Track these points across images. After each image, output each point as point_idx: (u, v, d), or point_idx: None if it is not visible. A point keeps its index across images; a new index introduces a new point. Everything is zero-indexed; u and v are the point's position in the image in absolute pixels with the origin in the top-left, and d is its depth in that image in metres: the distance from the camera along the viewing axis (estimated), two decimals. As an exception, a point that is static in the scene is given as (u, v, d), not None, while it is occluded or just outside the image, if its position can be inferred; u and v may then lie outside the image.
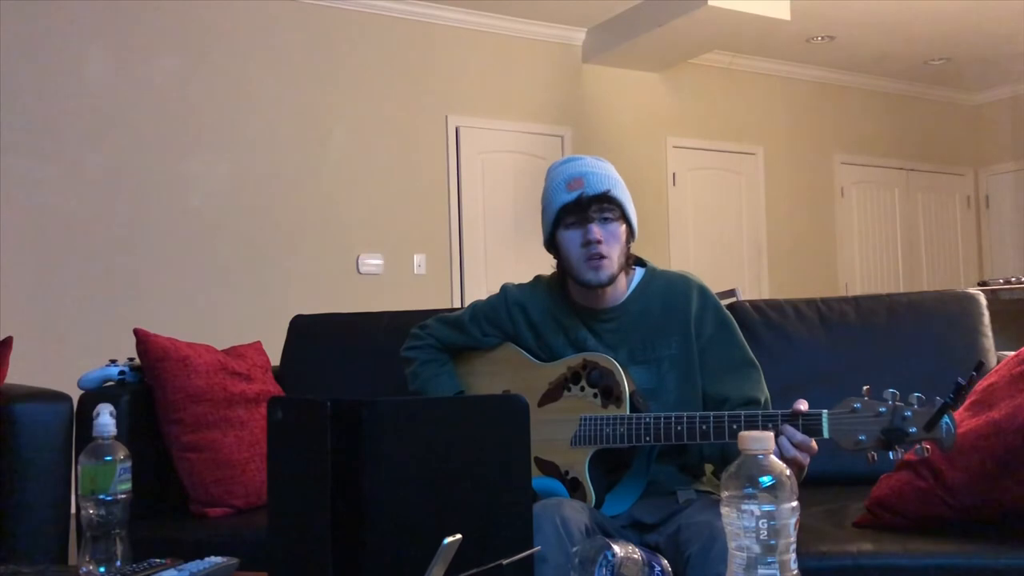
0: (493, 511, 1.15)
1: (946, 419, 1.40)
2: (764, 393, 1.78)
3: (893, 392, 1.44)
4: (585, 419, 1.72)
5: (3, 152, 4.44)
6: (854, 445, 1.45)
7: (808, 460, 1.50)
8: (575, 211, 1.76)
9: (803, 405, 1.52)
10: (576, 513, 1.53)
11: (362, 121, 5.41)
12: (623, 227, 1.78)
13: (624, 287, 1.84)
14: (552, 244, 1.84)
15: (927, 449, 1.41)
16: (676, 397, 1.76)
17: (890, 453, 1.43)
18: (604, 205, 1.76)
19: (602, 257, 1.75)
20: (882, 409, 1.44)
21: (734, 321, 1.84)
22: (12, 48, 4.49)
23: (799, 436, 1.49)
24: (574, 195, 1.75)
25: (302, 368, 2.61)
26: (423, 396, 1.94)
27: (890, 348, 2.30)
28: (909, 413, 1.42)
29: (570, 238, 1.78)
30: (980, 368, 1.45)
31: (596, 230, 1.75)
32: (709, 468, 1.86)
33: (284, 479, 1.19)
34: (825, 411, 1.49)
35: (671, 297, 1.83)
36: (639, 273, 1.88)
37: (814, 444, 1.50)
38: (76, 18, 4.65)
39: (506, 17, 5.84)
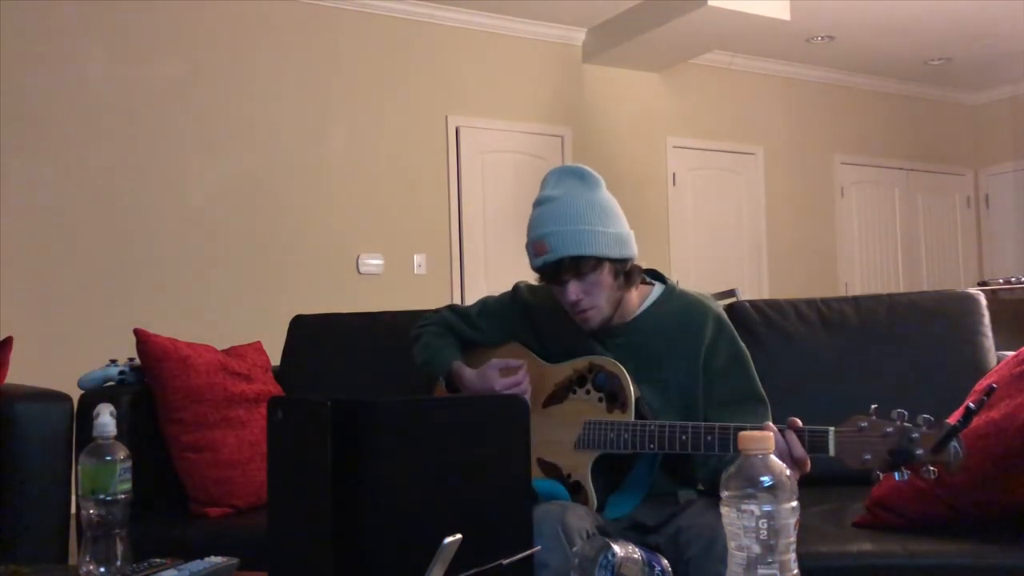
0: (493, 511, 1.15)
1: (954, 442, 1.38)
2: None
3: (901, 412, 1.41)
4: (589, 423, 1.70)
5: (3, 152, 4.44)
6: (859, 464, 1.42)
7: (798, 475, 1.46)
8: (546, 275, 1.73)
9: (796, 422, 1.50)
10: (578, 519, 1.52)
11: (362, 121, 5.41)
12: (603, 272, 1.70)
13: (636, 303, 1.80)
14: None
15: (933, 472, 1.39)
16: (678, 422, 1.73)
17: (895, 474, 1.41)
18: (572, 267, 1.68)
19: (587, 310, 1.72)
20: (889, 429, 1.41)
21: (747, 354, 1.79)
22: (12, 48, 4.49)
23: (799, 450, 1.46)
24: (539, 263, 1.71)
25: (302, 368, 2.61)
26: (428, 368, 1.94)
27: (890, 348, 2.30)
28: (917, 435, 1.39)
29: (555, 293, 1.76)
30: (991, 392, 1.44)
31: (573, 290, 1.70)
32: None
33: (284, 479, 1.19)
34: (831, 428, 1.46)
35: (686, 321, 1.78)
36: (656, 290, 1.83)
37: (808, 466, 1.48)
38: (76, 18, 4.65)
39: (506, 17, 5.84)
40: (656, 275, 1.87)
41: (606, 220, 1.71)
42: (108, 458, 1.31)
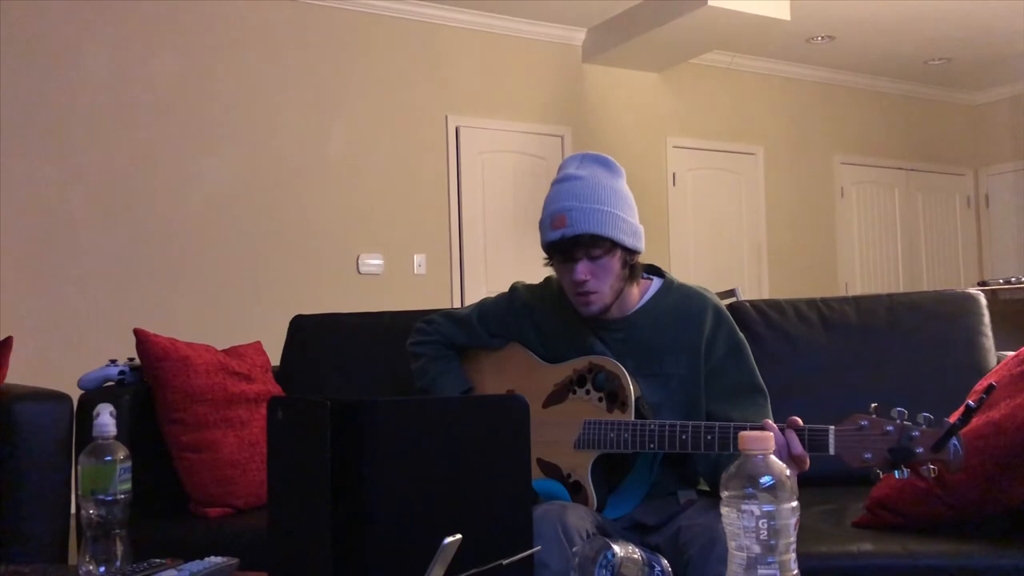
0: (493, 511, 1.15)
1: (954, 441, 1.38)
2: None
3: (901, 411, 1.42)
4: (589, 423, 1.70)
5: (3, 152, 4.44)
6: (859, 463, 1.43)
7: (797, 473, 1.47)
8: (560, 250, 1.71)
9: (798, 421, 1.50)
10: (578, 519, 1.52)
11: (362, 121, 5.41)
12: (615, 258, 1.70)
13: (635, 298, 1.80)
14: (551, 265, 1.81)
15: (933, 470, 1.39)
16: (681, 416, 1.71)
17: (895, 472, 1.41)
18: (588, 245, 1.67)
19: (590, 293, 1.71)
20: (889, 428, 1.41)
21: (747, 345, 1.79)
22: (12, 48, 4.49)
23: (798, 448, 1.47)
24: (555, 236, 1.68)
25: (302, 368, 2.61)
26: (429, 394, 1.93)
27: (890, 348, 2.30)
28: (916, 433, 1.40)
29: (560, 271, 1.75)
30: (991, 391, 1.44)
31: (582, 270, 1.69)
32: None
33: (284, 479, 1.19)
34: (831, 427, 1.46)
35: (685, 314, 1.78)
36: (655, 284, 1.83)
37: (808, 463, 1.48)
38: (76, 18, 4.65)
39: (506, 17, 5.84)
40: (654, 270, 1.87)
41: (626, 209, 1.72)
42: (108, 458, 1.31)
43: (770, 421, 1.56)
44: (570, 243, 1.68)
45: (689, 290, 1.84)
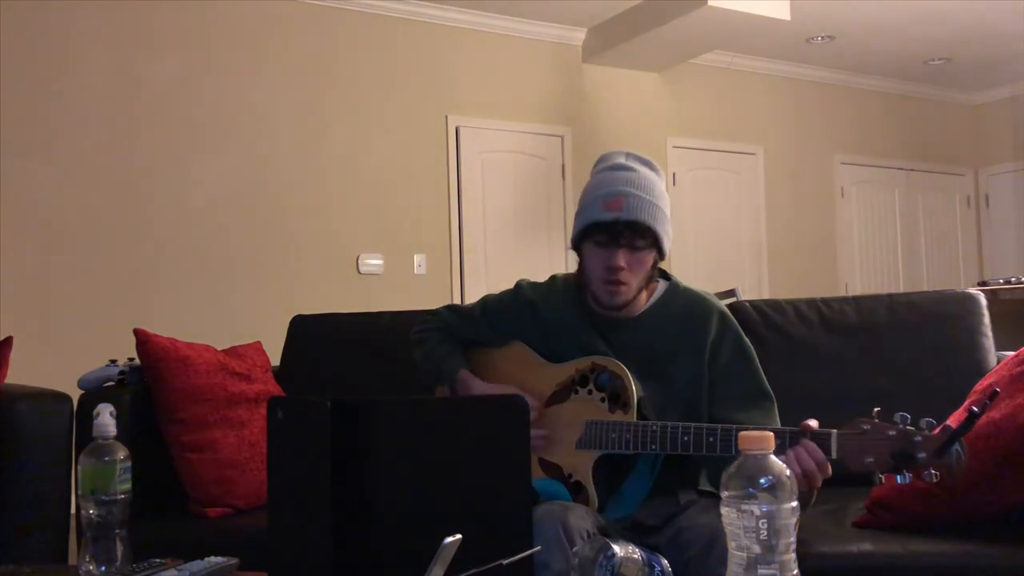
0: (493, 511, 1.15)
1: (956, 446, 1.38)
2: (776, 425, 1.71)
3: (904, 415, 1.42)
4: (591, 423, 1.70)
5: (3, 152, 4.44)
6: (862, 466, 1.42)
7: (821, 481, 1.46)
8: (606, 232, 1.70)
9: (813, 424, 1.49)
10: (579, 519, 1.52)
11: (362, 121, 5.41)
12: (652, 255, 1.72)
13: (643, 300, 1.80)
14: (578, 248, 1.79)
15: (935, 475, 1.39)
16: (682, 419, 1.68)
17: (897, 476, 1.41)
18: (637, 235, 1.69)
19: (621, 283, 1.71)
20: (892, 432, 1.41)
21: (753, 350, 1.79)
22: (12, 48, 4.49)
23: (820, 454, 1.45)
24: (609, 217, 1.68)
25: (302, 368, 2.61)
26: (435, 373, 1.92)
27: (890, 348, 2.30)
28: (919, 438, 1.40)
29: (595, 254, 1.74)
30: (994, 396, 1.44)
31: (622, 258, 1.69)
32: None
33: (284, 479, 1.19)
34: (834, 431, 1.46)
35: (690, 318, 1.78)
36: (661, 287, 1.83)
37: (830, 468, 1.47)
38: (75, 19, 4.65)
39: (506, 17, 5.84)
40: (659, 272, 1.87)
41: (669, 212, 1.75)
42: (108, 458, 1.31)
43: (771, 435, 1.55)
44: (622, 227, 1.68)
45: (695, 294, 1.84)
